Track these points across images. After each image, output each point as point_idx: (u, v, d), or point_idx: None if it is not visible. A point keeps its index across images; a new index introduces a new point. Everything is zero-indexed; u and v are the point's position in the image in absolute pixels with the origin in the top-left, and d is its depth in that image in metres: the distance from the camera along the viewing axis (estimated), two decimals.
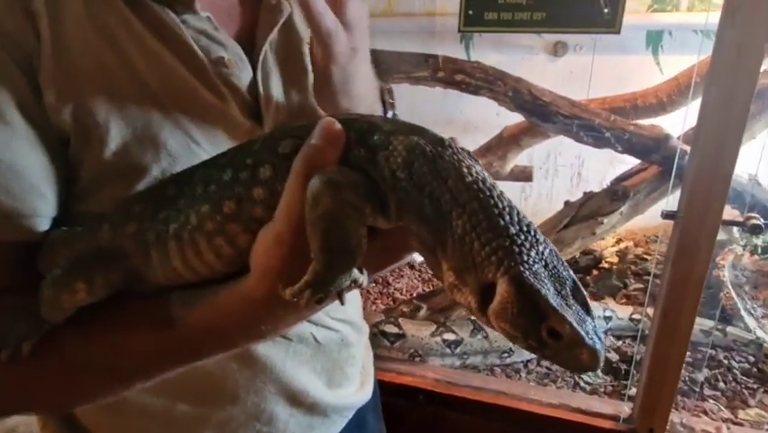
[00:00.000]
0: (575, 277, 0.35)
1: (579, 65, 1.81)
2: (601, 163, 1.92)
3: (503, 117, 1.66)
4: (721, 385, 1.36)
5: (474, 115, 1.95)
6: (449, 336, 1.42)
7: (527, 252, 0.33)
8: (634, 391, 1.24)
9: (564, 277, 0.34)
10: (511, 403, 1.27)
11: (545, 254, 0.34)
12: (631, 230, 1.97)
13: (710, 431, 1.19)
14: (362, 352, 0.82)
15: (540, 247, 0.34)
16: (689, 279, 1.03)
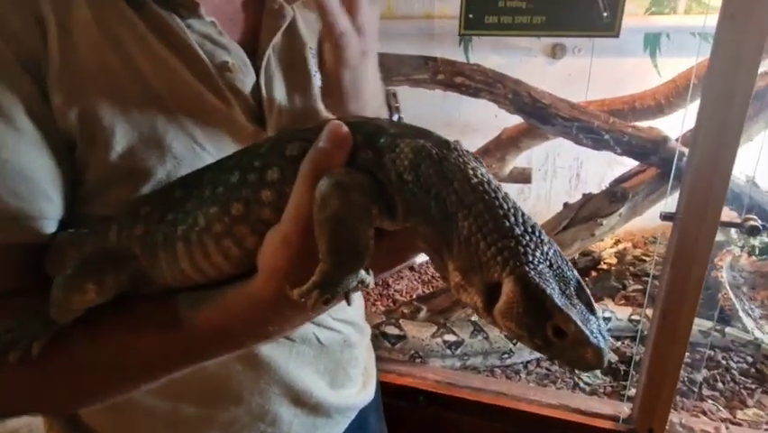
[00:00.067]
0: (579, 277, 0.35)
1: (577, 67, 1.82)
2: (600, 165, 1.93)
3: (501, 119, 1.67)
4: (720, 385, 1.37)
5: (473, 117, 1.95)
6: (449, 337, 1.43)
7: (532, 252, 0.34)
8: (633, 392, 1.24)
9: (569, 277, 0.34)
10: (511, 404, 1.28)
11: (550, 254, 0.35)
12: (630, 231, 1.98)
13: (709, 431, 1.19)
14: (365, 353, 0.82)
15: (545, 247, 0.34)
16: (687, 280, 1.04)
